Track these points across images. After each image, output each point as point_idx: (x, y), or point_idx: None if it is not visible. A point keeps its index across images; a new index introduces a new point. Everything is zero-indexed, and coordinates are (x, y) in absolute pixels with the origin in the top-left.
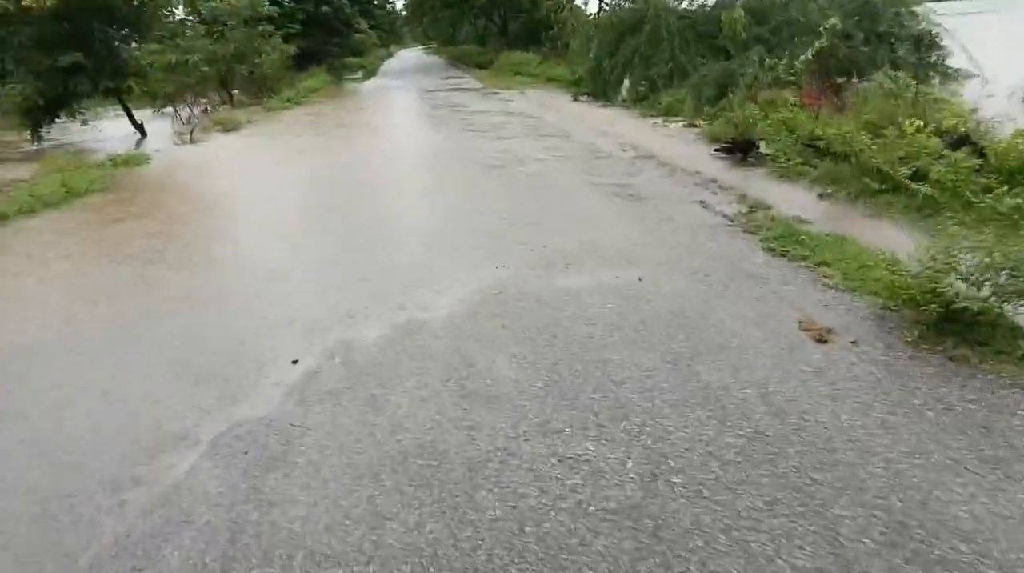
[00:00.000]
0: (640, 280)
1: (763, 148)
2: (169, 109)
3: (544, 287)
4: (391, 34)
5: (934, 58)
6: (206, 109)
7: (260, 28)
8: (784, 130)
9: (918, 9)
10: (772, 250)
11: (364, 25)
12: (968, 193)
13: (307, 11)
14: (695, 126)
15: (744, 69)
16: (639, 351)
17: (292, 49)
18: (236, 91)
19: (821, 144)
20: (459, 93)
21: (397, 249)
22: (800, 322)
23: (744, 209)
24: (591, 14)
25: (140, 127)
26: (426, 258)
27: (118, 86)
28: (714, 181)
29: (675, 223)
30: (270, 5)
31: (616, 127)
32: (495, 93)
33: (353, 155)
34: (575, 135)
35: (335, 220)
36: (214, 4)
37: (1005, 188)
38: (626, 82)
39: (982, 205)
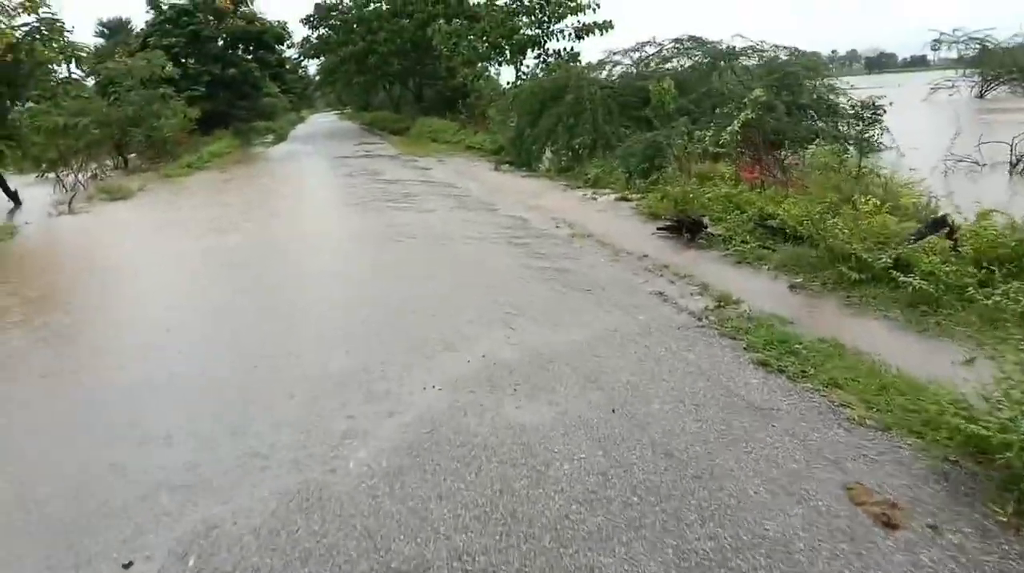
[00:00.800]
0: (614, 412)
1: (710, 228)
2: (55, 175)
3: (489, 425)
4: (303, 98)
5: (853, 131)
6: (95, 175)
7: (160, 90)
8: (729, 207)
9: (834, 82)
10: (765, 364)
11: (274, 89)
12: (970, 287)
13: (212, 73)
14: (627, 199)
15: (671, 140)
16: (639, 552)
17: (195, 112)
18: (132, 156)
19: (775, 223)
20: (375, 160)
21: (297, 365)
22: (848, 489)
23: (711, 303)
24: (509, 82)
25: (14, 195)
26: (334, 380)
27: None
28: (666, 266)
29: (637, 322)
30: (172, 66)
31: (544, 199)
32: (412, 160)
33: (255, 230)
34: (503, 208)
35: (219, 317)
36: (110, 65)
37: (1015, 284)
38: (548, 152)
39: (987, 303)
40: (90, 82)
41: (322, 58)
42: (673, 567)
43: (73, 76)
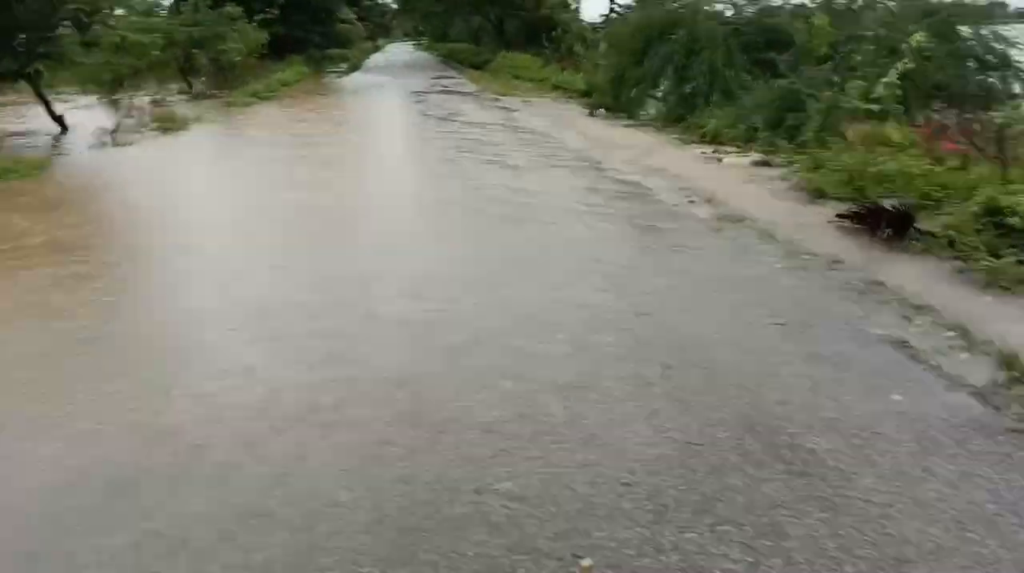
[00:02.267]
0: None
1: (920, 222)
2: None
3: None
4: (380, 26)
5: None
6: (155, 101)
7: (227, 9)
8: (943, 192)
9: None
10: None
11: (350, 15)
12: None
13: None
14: (767, 164)
15: (813, 90)
16: None
17: (264, 36)
18: (195, 81)
19: (1019, 222)
20: (454, 98)
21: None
22: None
23: (1001, 375)
24: (601, 15)
25: (59, 120)
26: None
27: (22, 68)
28: (879, 284)
29: (893, 414)
30: None
31: (659, 158)
32: (495, 100)
33: (314, 180)
34: (610, 168)
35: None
36: None
37: None
38: (653, 98)
39: None
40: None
41: None
42: None
43: None
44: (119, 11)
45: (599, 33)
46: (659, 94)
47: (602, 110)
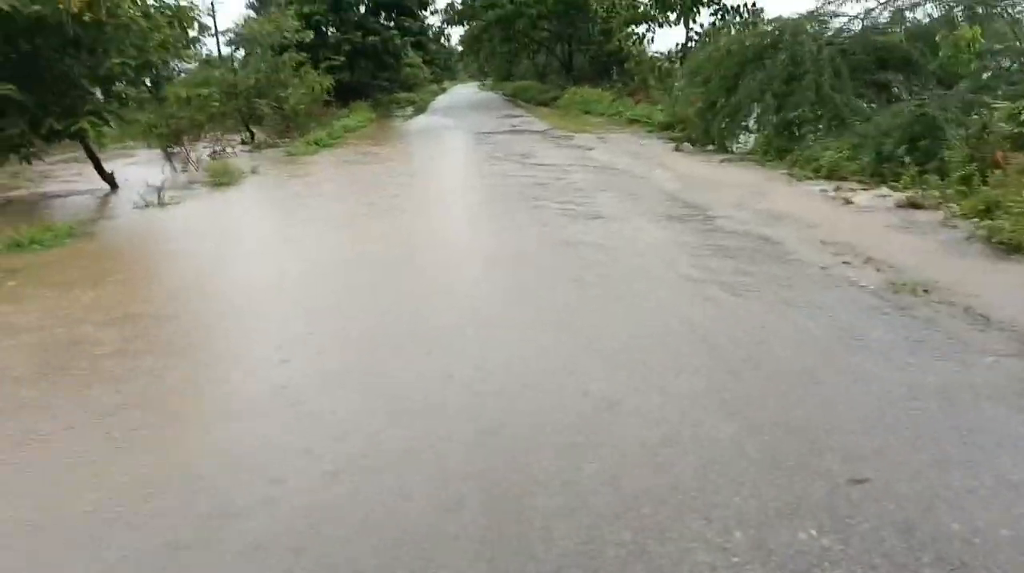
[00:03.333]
0: None
1: None
2: (165, 152)
3: None
4: (444, 69)
5: None
6: (215, 152)
7: (286, 56)
8: None
9: None
10: None
11: (416, 59)
12: None
13: (353, 41)
14: (916, 206)
15: (949, 113)
16: None
17: (328, 82)
18: (258, 130)
19: None
20: (523, 137)
21: None
22: None
23: None
24: (677, 44)
25: (110, 179)
26: None
27: (67, 127)
28: None
29: None
30: (312, 34)
31: (775, 200)
32: (568, 137)
33: (374, 246)
34: (720, 215)
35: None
36: (244, 29)
37: None
38: (749, 128)
39: None
40: (239, 54)
41: (466, 24)
42: None
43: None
44: (188, 64)
45: (675, 63)
46: (754, 125)
47: (689, 144)
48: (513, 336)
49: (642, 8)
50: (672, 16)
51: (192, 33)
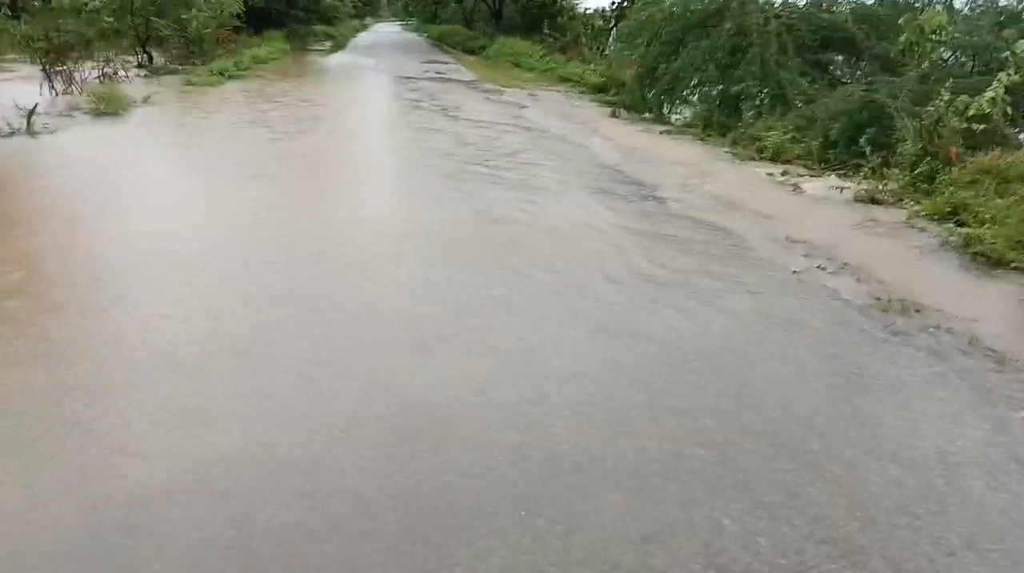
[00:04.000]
0: None
1: None
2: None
3: None
4: (367, 4)
5: None
6: (105, 74)
7: None
8: None
9: None
10: None
11: None
12: None
13: None
14: (873, 199)
15: (900, 101)
16: None
17: (236, 6)
18: (158, 53)
19: None
20: (450, 87)
21: None
22: None
23: None
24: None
25: None
26: None
27: None
28: None
29: None
30: None
31: (722, 182)
32: (497, 92)
33: (273, 194)
34: (669, 198)
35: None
36: None
37: None
38: (687, 99)
39: None
40: None
41: None
42: None
43: None
44: None
45: (609, 23)
46: (693, 96)
47: (624, 110)
48: (432, 361)
49: None
50: None
51: None
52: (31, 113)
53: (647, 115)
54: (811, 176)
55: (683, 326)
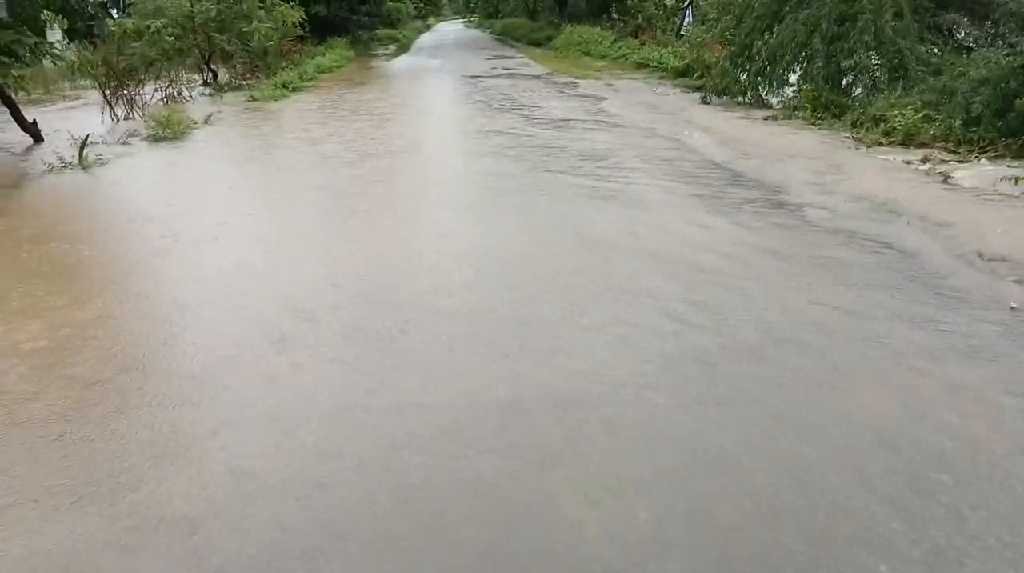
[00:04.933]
0: None
1: None
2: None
3: None
4: (429, 4)
5: None
6: (168, 96)
7: None
8: None
9: None
10: None
11: None
12: None
13: None
14: None
15: None
16: None
17: (299, 15)
18: (224, 69)
19: None
20: (521, 82)
21: None
22: None
23: None
24: None
25: (31, 129)
26: None
27: None
28: None
29: None
30: None
31: (861, 179)
32: (571, 84)
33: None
34: (803, 203)
35: None
36: None
37: None
38: (787, 79)
39: None
40: None
41: None
42: None
43: None
44: None
45: (682, 1)
46: (796, 74)
47: (715, 95)
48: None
49: None
50: None
51: None
52: (83, 144)
53: (742, 99)
54: (957, 162)
55: (901, 427)
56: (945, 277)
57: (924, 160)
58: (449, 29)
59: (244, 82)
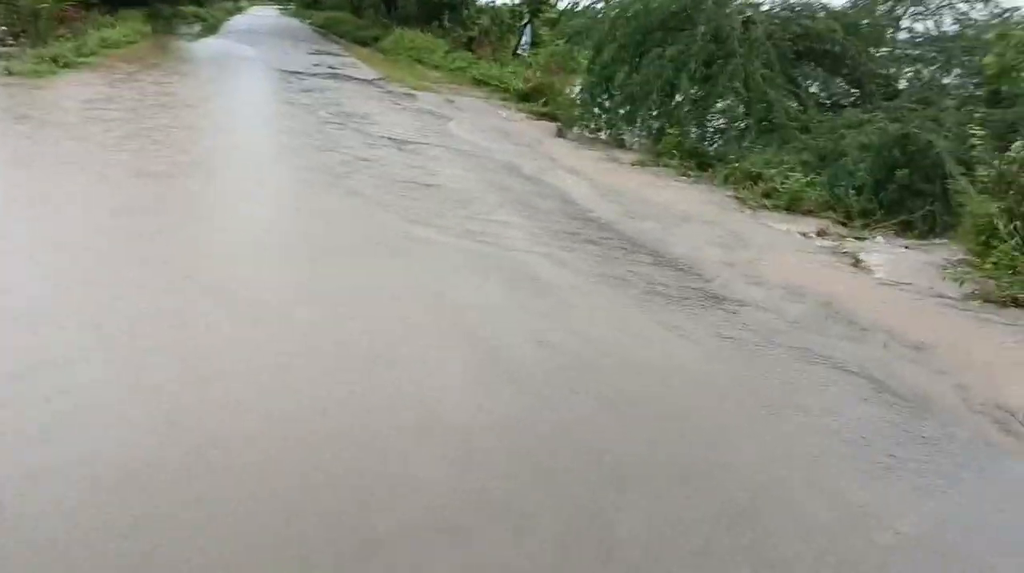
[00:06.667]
0: None
1: None
2: None
3: None
4: None
5: None
6: None
7: None
8: None
9: None
10: None
11: None
12: None
13: None
14: (1018, 302)
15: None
16: None
17: None
18: None
19: None
20: (350, 86)
21: None
22: None
23: None
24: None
25: None
26: None
27: None
28: None
29: None
30: None
31: (772, 257)
32: (408, 95)
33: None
34: (732, 295)
35: None
36: None
37: None
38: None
39: None
40: None
41: None
42: None
43: None
44: None
45: (522, 19)
46: (654, 114)
47: (573, 129)
48: None
49: None
50: None
51: None
52: None
53: (600, 134)
54: (854, 238)
55: None
56: (953, 434)
57: (820, 234)
58: (264, 14)
59: (11, 49)
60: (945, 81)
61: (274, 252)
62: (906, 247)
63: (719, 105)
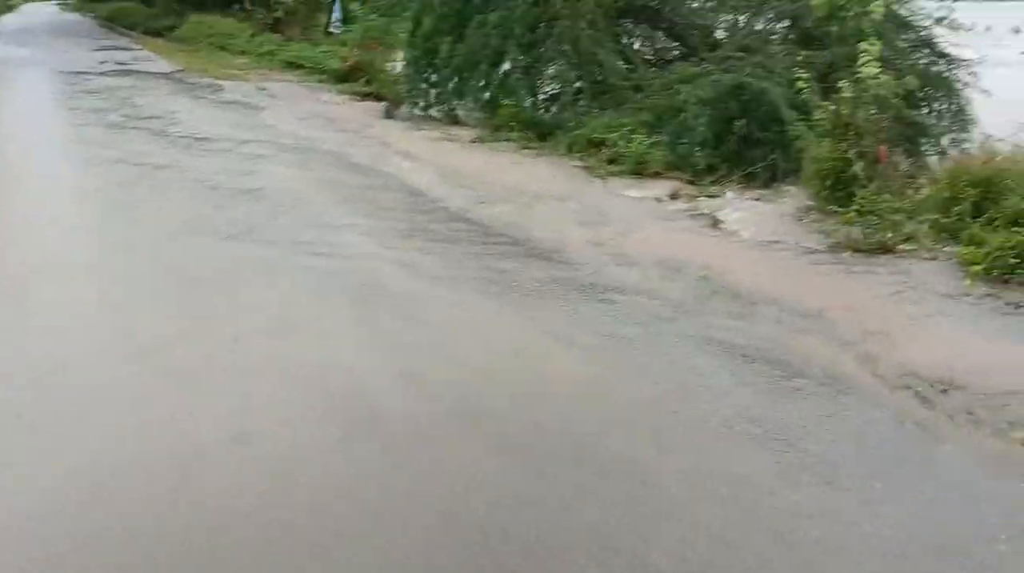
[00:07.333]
0: None
1: None
2: None
3: None
4: None
5: None
6: None
7: None
8: None
9: None
10: None
11: None
12: None
13: None
14: (887, 248)
15: (775, 84)
16: None
17: None
18: None
19: None
20: (144, 83)
21: None
22: None
23: None
24: None
25: None
26: None
27: None
28: None
29: None
30: None
31: (636, 229)
32: (214, 87)
33: None
34: (605, 282)
35: None
36: None
37: None
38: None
39: None
40: None
41: None
42: None
43: None
44: None
45: None
46: (484, 85)
47: (404, 108)
48: None
49: None
50: None
51: None
52: None
53: (432, 111)
54: (707, 197)
55: None
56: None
57: (673, 197)
58: (40, 11)
59: None
60: (758, 27)
61: (46, 313)
62: (757, 199)
63: (550, 70)
